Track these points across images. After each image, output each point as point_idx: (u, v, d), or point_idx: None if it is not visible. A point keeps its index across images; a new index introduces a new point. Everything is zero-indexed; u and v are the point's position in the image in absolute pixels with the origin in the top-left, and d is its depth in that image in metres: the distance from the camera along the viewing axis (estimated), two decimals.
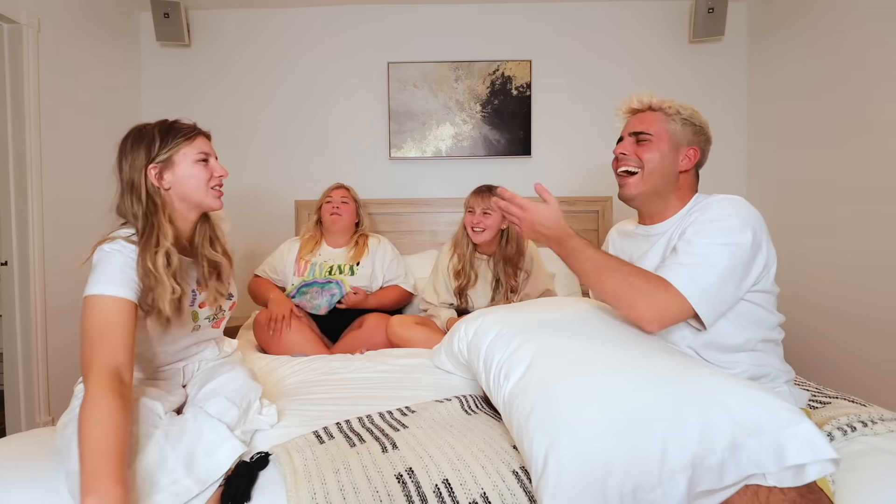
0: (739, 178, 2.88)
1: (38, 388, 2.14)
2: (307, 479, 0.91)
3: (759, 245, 1.03)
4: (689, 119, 1.16)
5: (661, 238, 1.16)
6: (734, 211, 1.03)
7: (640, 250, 1.20)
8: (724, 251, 1.00)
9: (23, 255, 2.11)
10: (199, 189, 1.11)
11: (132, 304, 0.99)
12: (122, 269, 1.00)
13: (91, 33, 2.50)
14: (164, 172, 1.09)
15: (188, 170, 1.10)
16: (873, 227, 2.05)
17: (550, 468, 0.78)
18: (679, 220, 1.14)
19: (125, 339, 0.95)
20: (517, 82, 2.83)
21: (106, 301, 0.96)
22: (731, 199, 1.07)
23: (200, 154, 1.12)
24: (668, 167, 1.13)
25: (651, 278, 1.02)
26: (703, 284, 0.98)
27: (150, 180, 1.08)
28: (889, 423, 1.08)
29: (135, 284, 1.01)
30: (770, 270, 1.07)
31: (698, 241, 1.02)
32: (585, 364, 0.96)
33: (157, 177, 1.09)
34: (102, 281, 0.98)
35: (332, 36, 2.87)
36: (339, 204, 2.23)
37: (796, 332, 2.44)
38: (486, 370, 1.13)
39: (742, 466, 0.76)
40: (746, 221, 1.02)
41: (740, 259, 1.00)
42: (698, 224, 1.05)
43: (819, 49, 2.33)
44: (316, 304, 2.06)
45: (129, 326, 0.96)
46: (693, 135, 1.16)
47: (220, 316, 1.29)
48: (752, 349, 1.08)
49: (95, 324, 0.94)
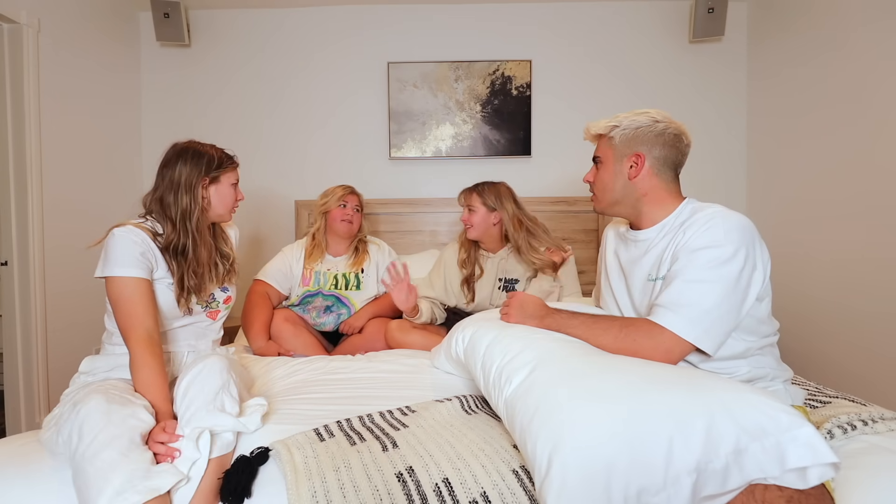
0: (739, 177, 2.88)
1: (38, 388, 2.14)
2: (307, 477, 0.91)
3: (755, 264, 1.04)
4: (628, 128, 1.18)
5: (649, 245, 1.17)
6: (725, 234, 1.03)
7: (630, 256, 1.22)
8: (719, 288, 1.00)
9: (23, 255, 2.11)
10: (226, 206, 1.41)
11: (147, 281, 1.21)
12: (132, 252, 1.20)
13: (91, 33, 2.50)
14: (211, 186, 1.36)
15: (225, 190, 1.39)
16: (873, 226, 2.06)
17: (555, 470, 0.78)
18: (668, 230, 1.14)
19: (148, 308, 1.19)
20: (517, 82, 2.83)
21: (127, 281, 1.18)
22: (722, 218, 1.05)
23: (235, 179, 1.44)
24: (619, 182, 1.20)
25: (644, 327, 1.04)
26: (704, 325, 1.00)
27: (200, 189, 1.34)
28: (889, 421, 1.08)
29: (143, 262, 1.21)
30: (766, 279, 1.07)
31: (692, 275, 1.02)
32: (588, 368, 0.97)
33: (206, 187, 1.36)
34: (120, 264, 1.18)
35: (333, 36, 2.87)
36: (353, 212, 2.14)
37: (796, 331, 2.45)
38: (485, 374, 1.13)
39: (746, 471, 0.76)
40: (738, 244, 1.02)
41: (737, 288, 1.01)
42: (690, 252, 1.05)
43: (819, 48, 2.33)
44: (322, 322, 2.07)
45: (149, 299, 1.21)
46: (632, 142, 1.18)
47: (215, 307, 1.41)
48: (751, 355, 1.09)
49: (124, 301, 1.17)
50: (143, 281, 1.20)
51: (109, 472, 0.88)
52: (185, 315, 1.34)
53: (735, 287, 1.01)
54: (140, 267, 1.20)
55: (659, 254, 1.13)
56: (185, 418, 1.03)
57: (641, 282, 1.17)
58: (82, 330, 2.35)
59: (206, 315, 1.40)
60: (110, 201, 2.59)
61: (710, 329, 1.00)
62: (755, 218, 2.78)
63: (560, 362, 1.00)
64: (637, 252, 1.20)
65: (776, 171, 2.65)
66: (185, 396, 1.07)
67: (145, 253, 1.23)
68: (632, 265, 1.20)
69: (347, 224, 2.13)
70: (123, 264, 1.18)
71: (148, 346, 1.14)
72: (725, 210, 1.08)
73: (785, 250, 2.53)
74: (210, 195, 1.35)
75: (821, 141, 2.33)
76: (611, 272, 1.29)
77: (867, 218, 2.08)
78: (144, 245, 1.24)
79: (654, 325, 1.02)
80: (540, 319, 1.20)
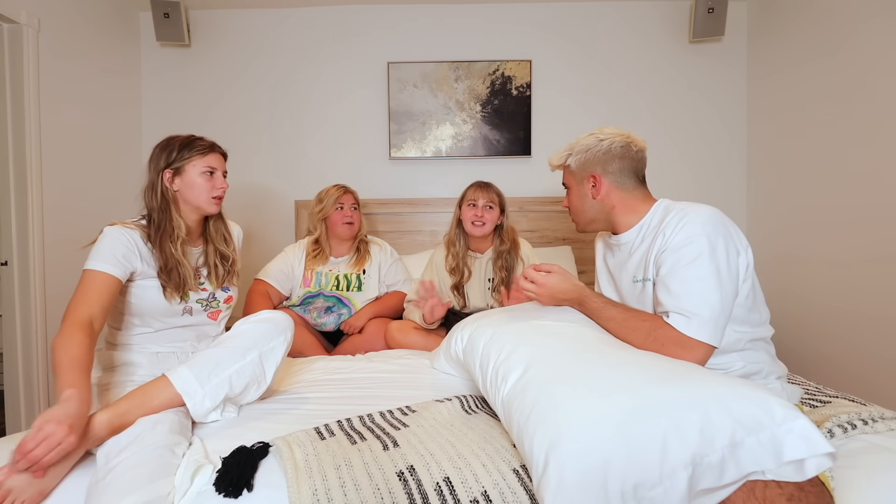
0: (739, 177, 2.88)
1: (38, 388, 2.13)
2: (308, 475, 0.91)
3: (736, 249, 1.09)
4: (579, 153, 1.25)
5: (631, 248, 1.23)
6: (701, 227, 1.07)
7: (616, 261, 1.30)
8: (715, 282, 1.04)
9: (23, 255, 2.11)
10: (200, 196, 1.34)
11: (115, 279, 1.20)
12: (112, 250, 1.22)
13: (91, 33, 2.50)
14: (175, 178, 1.33)
15: (193, 179, 1.33)
16: (874, 226, 2.06)
17: (552, 468, 0.78)
18: (646, 231, 1.20)
19: (101, 298, 1.17)
20: (517, 82, 2.83)
21: (94, 273, 1.19)
22: (694, 213, 1.10)
23: (208, 168, 1.35)
24: (586, 203, 1.27)
25: (673, 335, 1.05)
26: (718, 323, 1.04)
27: (164, 182, 1.32)
28: (889, 421, 1.08)
29: (122, 262, 1.22)
30: (750, 262, 1.12)
31: (685, 274, 1.06)
32: (583, 364, 0.97)
33: (170, 180, 1.33)
34: (98, 259, 1.20)
35: (333, 35, 2.87)
36: (351, 211, 2.14)
37: (796, 332, 2.45)
38: (483, 373, 1.14)
39: (742, 464, 0.76)
40: (714, 234, 1.07)
41: (729, 276, 1.06)
42: (673, 252, 1.09)
43: (819, 47, 2.33)
44: (322, 322, 2.07)
45: (107, 292, 1.19)
46: (586, 165, 1.25)
47: (215, 307, 1.41)
48: (742, 349, 1.13)
49: (83, 286, 1.18)
50: (111, 277, 1.20)
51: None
52: (185, 314, 1.35)
53: (728, 276, 1.06)
54: (116, 266, 1.21)
55: (641, 256, 1.19)
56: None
57: (628, 284, 1.24)
58: None
59: (207, 316, 1.40)
60: (110, 201, 2.59)
61: (718, 323, 1.05)
62: (754, 218, 2.82)
63: (555, 359, 1.01)
64: (622, 256, 1.27)
65: (776, 170, 2.65)
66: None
67: (128, 254, 1.24)
68: (618, 269, 1.28)
69: (349, 226, 2.12)
70: (101, 259, 1.20)
71: (85, 328, 1.11)
72: (695, 205, 1.14)
73: (784, 250, 2.53)
74: (178, 186, 1.33)
75: (821, 141, 2.33)
76: (601, 278, 1.38)
77: (867, 218, 2.08)
78: (131, 244, 1.25)
79: (681, 334, 1.05)
80: (578, 304, 1.23)
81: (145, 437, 0.97)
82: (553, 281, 1.23)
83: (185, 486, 0.91)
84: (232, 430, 1.12)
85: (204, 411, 1.10)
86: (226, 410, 1.17)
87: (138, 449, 0.94)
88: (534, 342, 1.09)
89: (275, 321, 1.26)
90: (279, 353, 1.24)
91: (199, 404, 1.09)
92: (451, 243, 2.07)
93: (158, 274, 1.28)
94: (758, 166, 2.80)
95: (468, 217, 1.99)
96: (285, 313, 1.31)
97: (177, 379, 1.09)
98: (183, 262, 1.31)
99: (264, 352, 1.20)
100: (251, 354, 1.18)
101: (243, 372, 1.16)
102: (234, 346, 1.18)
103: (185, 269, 1.31)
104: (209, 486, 0.90)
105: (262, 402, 1.28)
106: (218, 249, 1.44)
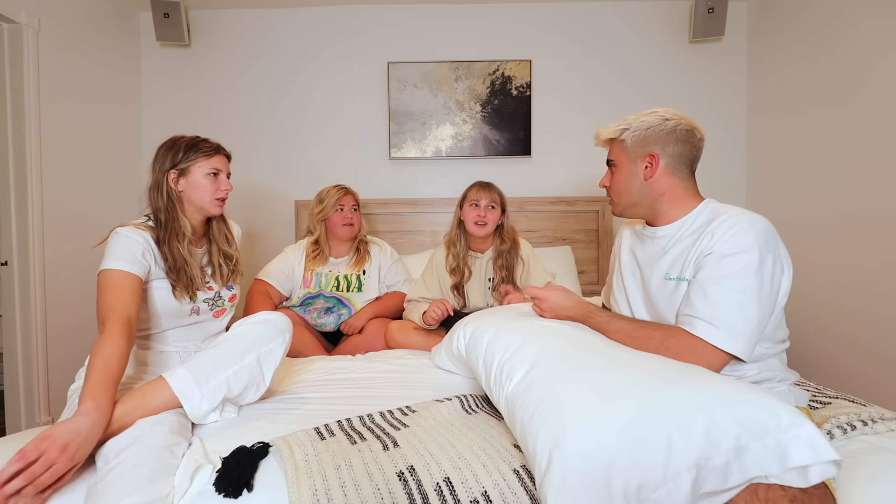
0: (739, 177, 2.88)
1: (38, 388, 2.13)
2: (308, 475, 0.91)
3: (782, 266, 1.05)
4: (639, 129, 1.17)
5: (667, 243, 1.16)
6: (754, 238, 1.02)
7: (647, 254, 1.21)
8: (755, 296, 1.00)
9: (23, 255, 2.11)
10: (204, 197, 1.36)
11: (138, 278, 1.22)
12: (130, 249, 1.23)
13: (91, 33, 2.50)
14: (180, 178, 1.35)
15: (198, 180, 1.35)
16: (874, 225, 2.06)
17: (555, 466, 0.78)
18: (688, 230, 1.14)
19: (134, 298, 1.19)
20: (517, 82, 2.83)
21: (118, 273, 1.20)
22: (749, 222, 1.04)
23: (213, 169, 1.36)
24: (635, 183, 1.18)
25: (686, 342, 1.02)
26: (747, 336, 1.00)
27: (169, 182, 1.33)
28: (889, 422, 1.08)
29: (141, 261, 1.24)
30: (790, 281, 1.07)
31: (727, 284, 1.01)
32: (589, 364, 0.97)
33: (175, 181, 1.34)
34: (115, 259, 1.21)
35: (333, 35, 2.87)
36: (351, 213, 2.13)
37: (796, 332, 2.44)
38: (487, 370, 1.13)
39: (746, 468, 0.76)
40: (765, 248, 1.02)
41: (771, 293, 1.03)
42: (719, 258, 1.03)
43: (819, 47, 2.33)
44: (322, 323, 2.07)
45: (136, 291, 1.20)
46: (645, 142, 1.17)
47: (221, 306, 1.43)
48: (760, 359, 1.10)
49: (111, 287, 1.17)
50: (135, 277, 1.21)
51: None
52: (193, 314, 1.36)
53: (769, 293, 1.02)
54: (136, 265, 1.22)
55: (679, 253, 1.13)
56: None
57: (659, 280, 1.16)
58: (82, 330, 2.34)
59: (213, 315, 1.41)
60: (110, 201, 2.59)
61: (752, 339, 1.01)
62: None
63: (561, 358, 1.00)
64: (655, 249, 1.19)
65: (776, 170, 2.65)
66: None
67: (145, 253, 1.26)
68: (649, 263, 1.20)
69: (349, 227, 2.12)
70: (120, 259, 1.21)
71: (126, 330, 1.11)
72: (749, 213, 1.07)
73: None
74: (183, 187, 1.34)
75: (821, 140, 2.33)
76: (625, 271, 1.28)
77: (868, 217, 2.08)
78: (145, 245, 1.26)
79: (696, 339, 1.02)
80: (584, 319, 1.20)
81: (145, 438, 0.96)
82: (555, 296, 1.22)
83: (184, 486, 0.91)
84: (232, 431, 1.12)
85: (201, 413, 1.10)
86: (225, 411, 1.17)
87: (138, 450, 0.93)
88: (540, 341, 1.09)
89: (273, 323, 1.25)
90: (277, 355, 1.24)
91: (196, 406, 1.09)
92: (451, 243, 2.06)
93: (167, 274, 1.30)
94: (758, 166, 2.80)
95: (470, 217, 1.98)
96: (284, 315, 1.31)
97: (174, 381, 1.09)
98: (190, 262, 1.33)
99: (262, 354, 1.20)
100: (249, 356, 1.18)
101: (241, 374, 1.15)
102: (233, 347, 1.17)
103: (192, 268, 1.33)
104: (209, 487, 0.90)
105: (261, 403, 1.28)
106: (221, 249, 1.45)
